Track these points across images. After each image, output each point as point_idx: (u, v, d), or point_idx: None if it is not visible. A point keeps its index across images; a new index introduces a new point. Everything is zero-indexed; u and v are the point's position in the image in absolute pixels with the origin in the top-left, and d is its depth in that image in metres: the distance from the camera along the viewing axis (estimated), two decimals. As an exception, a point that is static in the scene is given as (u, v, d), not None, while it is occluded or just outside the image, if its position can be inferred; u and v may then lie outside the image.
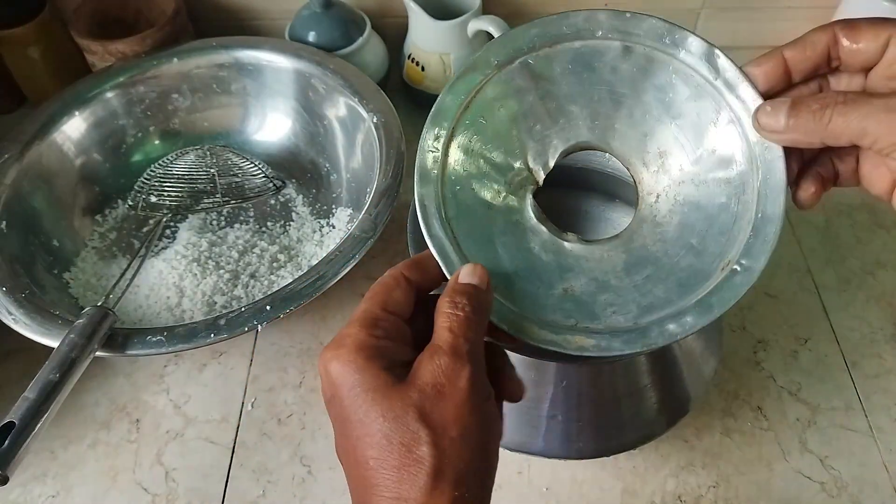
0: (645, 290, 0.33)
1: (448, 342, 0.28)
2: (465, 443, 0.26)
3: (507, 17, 0.68)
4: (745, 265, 0.32)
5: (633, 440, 0.44)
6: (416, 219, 0.35)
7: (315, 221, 0.62)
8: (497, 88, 0.36)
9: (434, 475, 0.26)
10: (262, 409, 0.53)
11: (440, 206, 0.34)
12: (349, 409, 0.27)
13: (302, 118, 0.67)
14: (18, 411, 0.41)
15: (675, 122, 0.35)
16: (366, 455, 0.27)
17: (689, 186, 0.35)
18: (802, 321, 0.57)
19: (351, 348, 0.28)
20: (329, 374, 0.28)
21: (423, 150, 0.35)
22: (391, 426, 0.26)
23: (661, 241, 0.34)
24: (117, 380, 0.55)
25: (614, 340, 0.32)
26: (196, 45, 0.67)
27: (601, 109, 0.36)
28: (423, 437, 0.26)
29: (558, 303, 0.33)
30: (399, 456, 0.26)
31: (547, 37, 0.35)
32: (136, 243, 0.61)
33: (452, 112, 0.35)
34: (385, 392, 0.27)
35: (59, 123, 0.61)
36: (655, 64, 0.35)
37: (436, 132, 0.35)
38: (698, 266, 0.33)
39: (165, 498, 0.49)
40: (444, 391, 0.27)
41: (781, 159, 0.32)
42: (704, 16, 0.77)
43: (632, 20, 0.35)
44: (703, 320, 0.32)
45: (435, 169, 0.35)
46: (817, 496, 0.48)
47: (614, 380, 0.43)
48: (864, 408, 0.52)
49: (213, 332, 0.46)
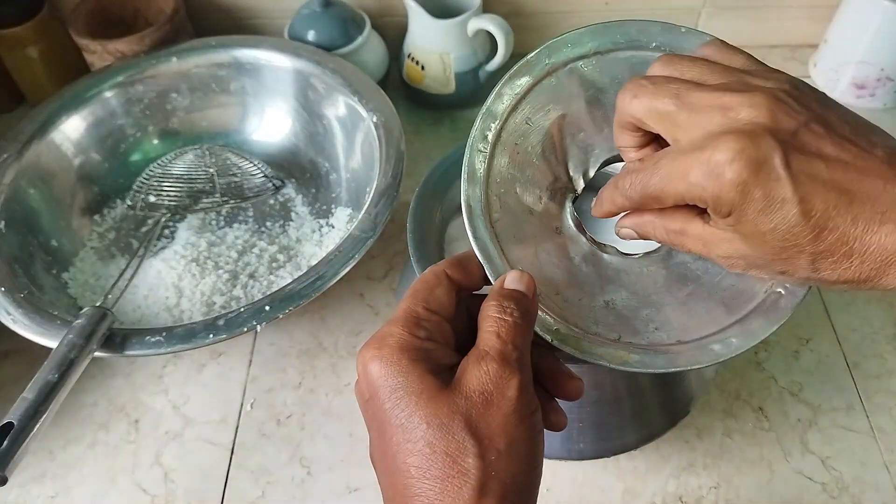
0: (687, 307, 0.33)
1: (496, 348, 0.27)
2: (512, 456, 0.25)
3: (508, 15, 0.68)
4: (788, 288, 0.32)
5: (634, 441, 0.44)
6: (416, 218, 0.35)
7: (314, 221, 0.62)
8: (546, 92, 0.35)
9: (479, 489, 0.24)
10: (261, 409, 0.53)
11: (485, 208, 0.34)
12: (390, 412, 0.26)
13: (301, 117, 0.66)
14: (17, 412, 0.41)
15: None
16: (406, 462, 0.25)
17: None
18: (804, 321, 0.56)
19: (395, 348, 0.27)
20: (369, 374, 0.27)
21: (472, 149, 0.34)
22: (436, 434, 0.25)
23: (702, 260, 0.34)
24: (116, 380, 0.55)
25: (658, 358, 0.31)
26: (195, 45, 0.67)
27: None
28: (469, 448, 0.25)
29: (601, 316, 0.33)
30: (443, 466, 0.25)
31: (600, 44, 0.35)
32: (135, 243, 0.61)
33: (501, 112, 0.35)
34: (430, 397, 0.26)
35: (58, 123, 0.61)
36: None
37: (485, 132, 0.34)
38: (741, 286, 0.33)
39: (164, 498, 0.49)
40: (493, 400, 0.26)
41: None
42: (706, 14, 0.76)
43: (686, 35, 0.35)
44: (748, 342, 0.31)
45: (481, 170, 0.34)
46: (818, 497, 0.48)
47: (615, 381, 0.43)
48: (865, 408, 0.52)
49: (211, 333, 0.46)
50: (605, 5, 0.75)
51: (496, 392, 0.26)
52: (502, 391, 0.26)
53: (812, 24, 0.77)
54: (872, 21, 0.67)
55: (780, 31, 0.79)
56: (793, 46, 0.80)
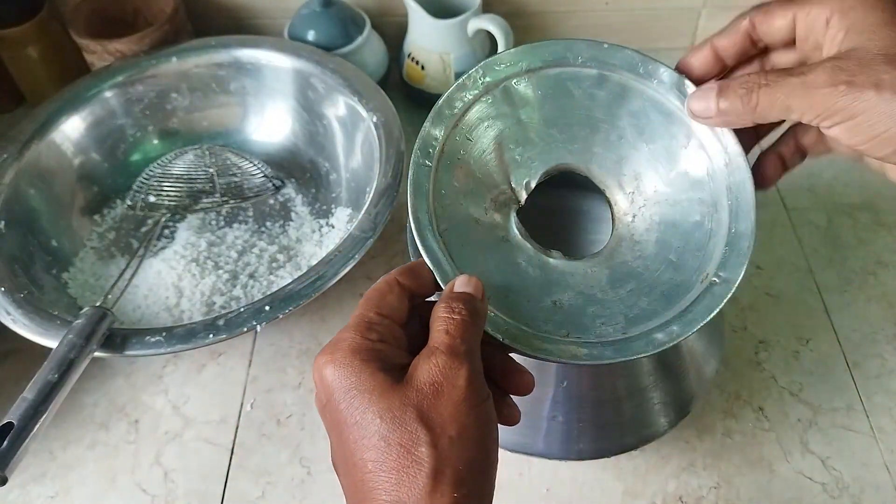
0: (630, 302, 0.35)
1: (445, 343, 0.28)
2: (464, 442, 0.26)
3: (508, 15, 0.68)
4: (723, 277, 0.34)
5: (634, 441, 0.44)
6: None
7: (314, 221, 0.62)
8: (483, 109, 0.37)
9: (434, 476, 0.25)
10: (261, 409, 0.53)
11: (432, 219, 0.35)
12: (345, 412, 0.27)
13: (301, 117, 0.66)
14: (17, 412, 0.41)
15: (649, 147, 0.37)
16: (363, 458, 0.26)
17: (665, 206, 0.37)
18: (804, 321, 0.56)
19: (346, 351, 0.28)
20: (324, 378, 0.28)
21: (416, 165, 0.36)
22: (389, 427, 0.26)
23: (641, 258, 0.36)
24: (116, 380, 0.55)
25: (605, 350, 0.33)
26: (195, 45, 0.67)
27: (579, 133, 0.38)
28: (421, 438, 0.26)
29: (549, 314, 0.34)
30: (398, 457, 0.26)
31: (530, 62, 0.37)
32: (135, 243, 0.61)
33: (442, 128, 0.36)
34: (382, 393, 0.27)
35: (58, 123, 0.61)
36: (629, 91, 0.37)
37: (428, 149, 0.36)
38: (679, 279, 0.35)
39: (164, 499, 0.49)
40: (443, 390, 0.27)
41: (750, 180, 0.35)
42: (706, 14, 0.76)
43: (608, 50, 0.37)
44: (688, 329, 0.33)
45: (427, 183, 0.36)
46: (818, 497, 0.48)
47: (615, 381, 0.43)
48: (865, 408, 0.52)
49: (211, 333, 0.46)
50: (605, 5, 0.75)
51: (446, 382, 0.27)
52: (452, 381, 0.27)
53: (812, 23, 0.77)
54: (873, 21, 0.67)
55: (780, 30, 0.79)
56: (793, 46, 0.80)
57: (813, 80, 0.29)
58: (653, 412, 0.44)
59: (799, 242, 0.61)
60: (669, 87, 0.36)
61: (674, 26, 0.78)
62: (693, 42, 0.79)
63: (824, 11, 0.31)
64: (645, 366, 0.43)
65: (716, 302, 0.34)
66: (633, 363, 0.42)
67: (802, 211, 0.63)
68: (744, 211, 0.35)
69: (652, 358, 0.43)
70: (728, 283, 0.34)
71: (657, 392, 0.44)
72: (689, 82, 0.36)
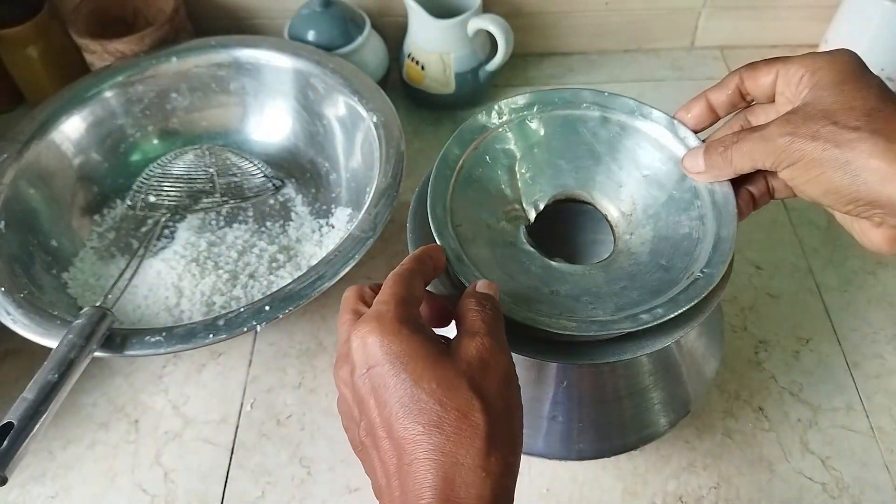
0: (622, 294, 0.38)
1: (485, 329, 0.30)
2: (508, 415, 0.29)
3: (508, 15, 0.68)
4: (706, 273, 0.37)
5: (633, 441, 0.44)
6: (416, 219, 0.39)
7: (314, 221, 0.62)
8: (500, 137, 0.43)
9: (489, 440, 0.27)
10: (261, 409, 0.53)
11: (450, 216, 0.39)
12: (396, 377, 0.28)
13: (301, 117, 0.66)
14: (17, 412, 0.41)
15: (644, 176, 0.42)
16: (416, 421, 0.27)
17: (658, 223, 0.41)
18: (804, 321, 0.56)
19: (394, 321, 0.29)
20: (367, 346, 0.29)
21: (437, 171, 0.40)
22: (446, 393, 0.27)
23: (636, 264, 0.40)
24: (116, 380, 0.55)
25: (593, 325, 0.36)
26: (195, 45, 0.67)
27: (583, 164, 0.43)
28: (476, 405, 0.27)
29: (546, 299, 0.37)
30: (455, 420, 0.27)
31: (542, 104, 0.43)
32: (135, 243, 0.61)
33: (463, 149, 0.41)
34: (436, 361, 0.28)
35: (58, 123, 0.61)
36: (628, 130, 0.43)
37: (448, 161, 0.41)
38: (667, 278, 0.38)
39: (164, 499, 0.49)
40: (490, 367, 0.29)
41: (731, 193, 0.39)
42: (706, 14, 0.77)
43: (609, 98, 0.43)
44: (671, 311, 0.36)
45: (446, 189, 0.40)
46: (818, 497, 0.48)
47: (615, 381, 0.43)
48: (865, 408, 0.52)
49: (211, 333, 0.46)
50: (605, 5, 0.75)
51: (492, 361, 0.29)
52: (497, 360, 0.29)
53: (812, 24, 0.77)
54: (872, 21, 0.67)
55: (779, 31, 0.79)
56: (793, 46, 0.80)
57: (768, 134, 0.34)
58: (653, 412, 0.44)
59: (799, 243, 0.61)
60: (663, 126, 0.42)
61: (673, 26, 0.78)
62: (692, 42, 0.80)
63: (800, 70, 0.35)
64: (645, 366, 0.43)
65: (699, 291, 0.36)
66: (633, 362, 0.43)
67: (802, 211, 0.63)
68: (727, 220, 0.38)
69: (652, 357, 0.43)
70: (710, 277, 0.37)
71: (657, 392, 0.44)
72: (679, 123, 0.41)
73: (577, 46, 0.80)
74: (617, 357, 0.37)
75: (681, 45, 0.80)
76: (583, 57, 0.80)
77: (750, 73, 0.38)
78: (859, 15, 0.69)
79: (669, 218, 0.40)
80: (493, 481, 0.27)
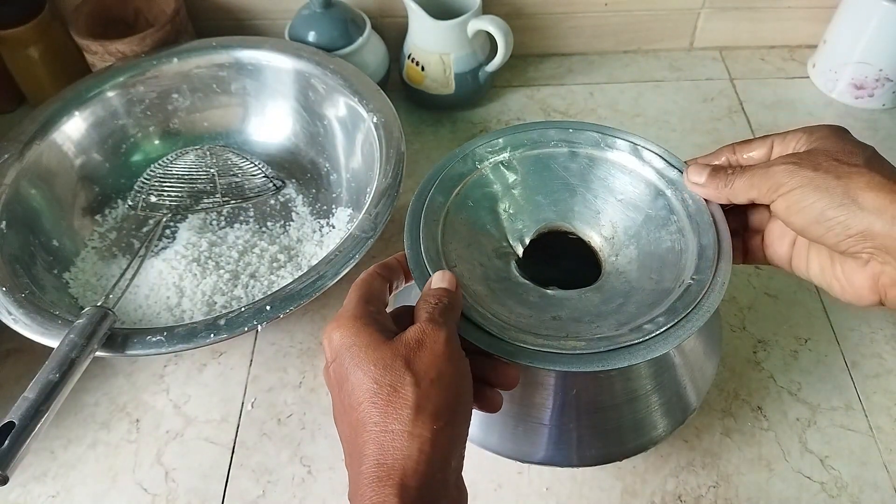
0: (620, 311, 0.40)
1: (426, 317, 0.34)
2: (441, 385, 0.32)
3: (507, 16, 0.68)
4: (696, 279, 0.39)
5: (634, 447, 0.44)
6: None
7: (315, 221, 0.62)
8: (479, 180, 0.45)
9: (416, 410, 0.30)
10: (261, 409, 0.53)
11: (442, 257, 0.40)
12: (348, 364, 0.32)
13: (302, 118, 0.67)
14: (18, 411, 0.41)
15: (619, 200, 0.45)
16: (359, 399, 0.31)
17: (641, 242, 0.43)
18: (802, 321, 0.57)
19: (349, 317, 0.34)
20: (332, 341, 0.33)
21: (426, 220, 0.41)
22: (381, 372, 0.31)
23: (627, 282, 0.42)
24: (117, 380, 0.55)
25: (602, 342, 0.37)
26: (196, 45, 0.67)
27: (560, 197, 0.45)
28: (407, 380, 0.31)
29: (549, 324, 0.39)
30: (387, 395, 0.31)
31: (512, 147, 0.46)
32: (136, 243, 0.61)
33: (447, 194, 0.43)
34: (377, 347, 0.32)
35: (59, 123, 0.62)
36: (595, 161, 0.46)
37: (434, 209, 0.42)
38: (660, 289, 0.40)
39: (165, 498, 0.49)
40: (425, 344, 0.32)
41: (705, 206, 0.41)
42: (705, 15, 0.77)
43: (574, 133, 0.46)
44: (672, 319, 0.37)
45: (437, 234, 0.41)
46: (817, 496, 0.48)
47: (614, 386, 0.43)
48: (864, 408, 0.52)
49: (212, 333, 0.46)
50: (604, 6, 0.75)
51: (427, 339, 0.33)
52: (432, 338, 0.33)
53: (811, 24, 0.77)
54: (871, 21, 0.68)
55: (778, 31, 0.79)
56: (792, 47, 0.80)
57: (773, 164, 0.37)
58: (653, 416, 0.44)
59: (798, 242, 0.61)
60: (628, 152, 0.45)
61: (673, 27, 0.78)
62: (691, 42, 0.80)
63: (799, 133, 0.39)
64: (644, 369, 0.43)
65: (694, 297, 0.38)
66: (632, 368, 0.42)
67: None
68: (704, 227, 0.41)
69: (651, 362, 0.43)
70: (702, 283, 0.39)
71: (657, 395, 0.44)
72: (646, 149, 0.44)
73: (576, 47, 0.80)
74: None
75: (680, 46, 0.80)
76: (582, 57, 0.80)
77: (743, 147, 0.41)
78: (858, 15, 0.69)
79: (650, 235, 0.43)
80: (420, 443, 0.30)
